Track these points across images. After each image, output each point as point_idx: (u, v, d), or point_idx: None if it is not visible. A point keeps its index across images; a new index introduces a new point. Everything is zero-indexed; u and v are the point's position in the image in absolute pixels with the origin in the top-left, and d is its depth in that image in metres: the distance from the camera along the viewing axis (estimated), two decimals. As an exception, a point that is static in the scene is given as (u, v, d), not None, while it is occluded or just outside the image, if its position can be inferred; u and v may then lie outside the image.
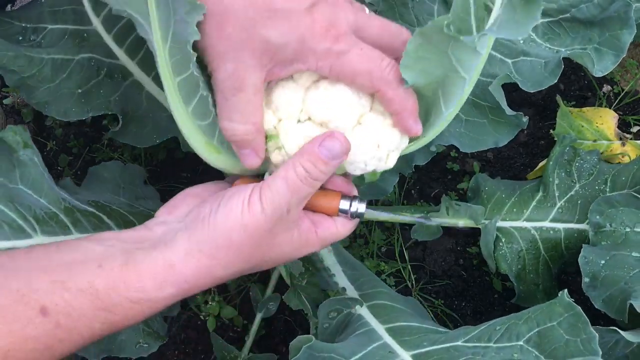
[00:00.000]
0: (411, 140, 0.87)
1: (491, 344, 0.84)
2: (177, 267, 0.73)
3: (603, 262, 1.00)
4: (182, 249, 0.73)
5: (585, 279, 1.01)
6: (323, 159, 0.75)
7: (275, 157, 0.81)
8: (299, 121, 0.79)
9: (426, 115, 0.85)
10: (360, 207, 0.81)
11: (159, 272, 0.72)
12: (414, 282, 1.35)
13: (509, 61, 1.10)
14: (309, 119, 0.79)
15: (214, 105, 0.79)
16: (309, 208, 0.80)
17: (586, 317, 0.79)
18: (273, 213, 0.73)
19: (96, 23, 1.19)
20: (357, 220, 0.83)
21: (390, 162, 0.83)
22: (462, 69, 0.75)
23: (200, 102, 0.78)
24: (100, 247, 0.74)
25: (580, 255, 1.02)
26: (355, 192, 0.84)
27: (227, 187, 0.83)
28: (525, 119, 1.09)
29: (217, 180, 0.85)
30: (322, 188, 0.80)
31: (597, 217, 1.07)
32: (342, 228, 0.82)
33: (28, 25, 1.18)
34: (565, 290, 0.82)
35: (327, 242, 0.82)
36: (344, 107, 0.78)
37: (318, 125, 0.79)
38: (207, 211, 0.75)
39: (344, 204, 0.81)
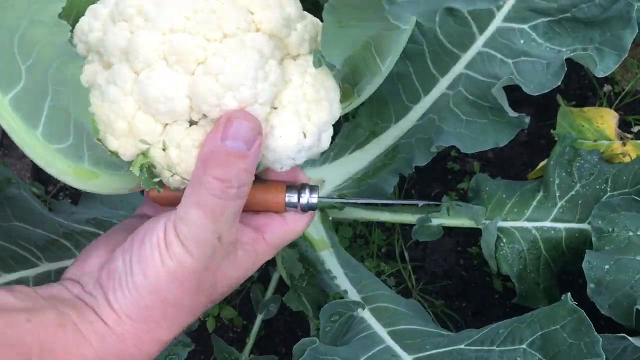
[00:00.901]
0: (346, 100, 0.73)
1: (494, 347, 0.84)
2: (114, 337, 0.58)
3: (607, 267, 1.00)
4: (110, 318, 0.58)
5: (591, 285, 1.00)
6: (236, 154, 0.56)
7: (171, 181, 0.63)
8: (190, 123, 0.61)
9: (357, 73, 0.73)
10: (311, 197, 0.66)
11: (99, 342, 0.57)
12: (414, 283, 1.35)
13: (510, 61, 1.10)
14: (204, 116, 0.60)
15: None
16: (249, 208, 0.64)
17: (589, 321, 0.79)
18: (201, 251, 0.58)
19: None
20: (312, 214, 0.68)
21: (325, 144, 0.68)
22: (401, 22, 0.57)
23: (52, 117, 0.58)
24: (19, 301, 0.57)
25: (584, 260, 1.01)
26: (302, 179, 0.68)
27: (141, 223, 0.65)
28: (526, 120, 1.08)
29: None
30: (260, 180, 0.66)
31: (599, 222, 1.06)
32: (295, 225, 0.66)
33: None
34: (569, 293, 0.82)
35: (281, 245, 0.67)
36: (248, 85, 0.59)
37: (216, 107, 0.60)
38: (122, 268, 0.59)
39: (291, 197, 0.66)
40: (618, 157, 1.31)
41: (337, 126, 1.38)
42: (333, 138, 1.28)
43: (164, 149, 0.61)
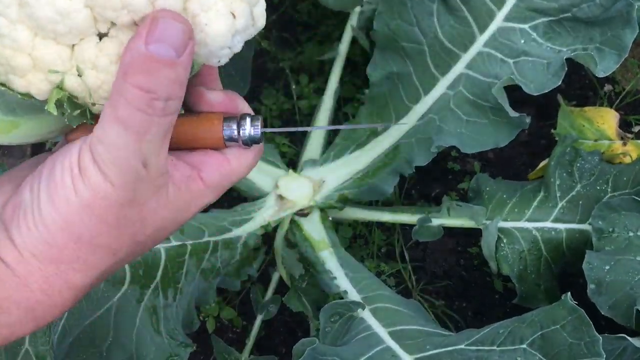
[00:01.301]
0: None
1: (494, 347, 0.84)
2: (16, 280, 0.48)
3: (608, 267, 1.00)
4: (11, 256, 0.48)
5: (591, 286, 1.00)
6: (163, 60, 0.46)
7: (96, 110, 0.52)
8: (100, 36, 0.50)
9: None
10: (254, 128, 0.55)
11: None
12: (414, 283, 1.35)
13: (510, 61, 1.10)
14: (113, 24, 0.50)
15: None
16: (183, 145, 0.55)
17: (589, 320, 0.80)
18: (123, 178, 0.47)
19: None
20: (258, 149, 0.57)
21: (260, 21, 0.56)
22: None
23: None
24: None
25: (584, 261, 1.02)
26: (244, 108, 0.57)
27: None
28: (527, 120, 1.08)
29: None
30: (193, 112, 0.56)
31: (600, 222, 1.06)
32: (238, 162, 0.55)
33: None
34: (569, 293, 0.83)
35: (223, 186, 0.55)
36: None
37: (133, 30, 0.50)
38: (28, 199, 0.49)
39: (230, 129, 0.54)
40: (619, 157, 1.31)
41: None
42: (333, 138, 1.30)
43: (79, 75, 0.50)
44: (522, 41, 1.10)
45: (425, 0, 1.15)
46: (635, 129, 1.45)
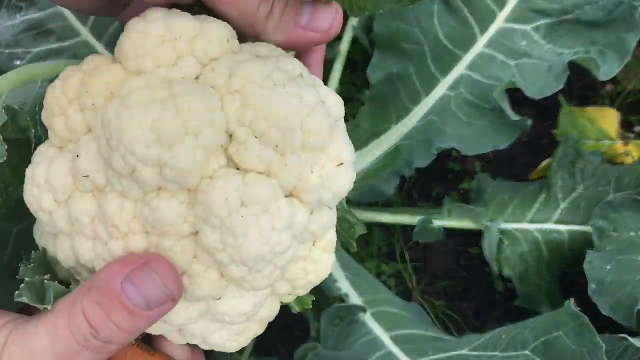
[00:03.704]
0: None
1: (496, 353, 0.84)
2: None
3: (609, 267, 1.00)
4: None
5: (592, 285, 1.00)
6: (126, 305, 0.42)
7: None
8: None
9: None
10: None
11: None
12: (414, 283, 1.35)
13: (511, 63, 1.09)
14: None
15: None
16: None
17: (592, 327, 0.79)
18: None
19: (84, 32, 1.16)
20: None
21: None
22: None
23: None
24: None
25: (585, 260, 1.02)
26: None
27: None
28: (528, 122, 1.08)
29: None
30: (149, 348, 0.54)
31: (601, 221, 1.06)
32: None
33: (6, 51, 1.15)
34: (572, 299, 0.82)
35: None
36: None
37: (143, 234, 0.46)
38: None
39: None
40: (620, 157, 1.31)
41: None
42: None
43: None
44: (524, 42, 1.09)
45: (425, 1, 1.14)
46: (637, 128, 1.45)
